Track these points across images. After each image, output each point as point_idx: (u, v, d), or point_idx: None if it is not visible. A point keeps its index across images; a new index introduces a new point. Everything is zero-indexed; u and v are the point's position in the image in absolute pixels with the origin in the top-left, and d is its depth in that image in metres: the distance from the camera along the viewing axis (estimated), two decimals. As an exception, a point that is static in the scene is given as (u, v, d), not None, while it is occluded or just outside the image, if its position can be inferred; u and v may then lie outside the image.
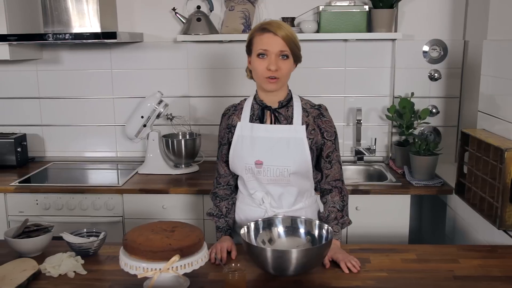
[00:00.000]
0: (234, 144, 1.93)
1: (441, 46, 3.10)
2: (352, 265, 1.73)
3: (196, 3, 3.14)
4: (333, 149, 1.95)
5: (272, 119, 1.92)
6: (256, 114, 1.93)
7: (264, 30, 1.81)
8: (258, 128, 1.91)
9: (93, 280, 1.70)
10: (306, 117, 1.92)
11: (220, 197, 2.06)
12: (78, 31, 2.88)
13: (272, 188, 1.91)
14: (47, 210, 2.81)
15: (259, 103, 1.94)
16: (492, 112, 2.45)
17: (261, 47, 1.81)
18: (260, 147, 1.88)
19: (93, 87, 3.33)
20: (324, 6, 3.00)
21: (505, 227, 2.08)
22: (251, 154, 1.88)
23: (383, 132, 3.28)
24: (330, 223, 1.90)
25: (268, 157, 1.87)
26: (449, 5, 3.06)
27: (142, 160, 3.23)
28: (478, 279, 1.67)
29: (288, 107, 1.93)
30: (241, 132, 1.92)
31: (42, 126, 3.40)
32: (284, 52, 1.81)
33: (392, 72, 3.18)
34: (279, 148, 1.87)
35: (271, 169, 1.87)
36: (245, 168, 1.90)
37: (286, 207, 1.94)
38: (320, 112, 1.94)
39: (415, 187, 2.73)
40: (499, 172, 2.10)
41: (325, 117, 1.95)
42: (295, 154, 1.87)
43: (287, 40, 1.79)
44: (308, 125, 1.91)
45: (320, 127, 1.93)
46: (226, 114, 2.01)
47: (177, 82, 3.29)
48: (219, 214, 2.03)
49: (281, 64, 1.81)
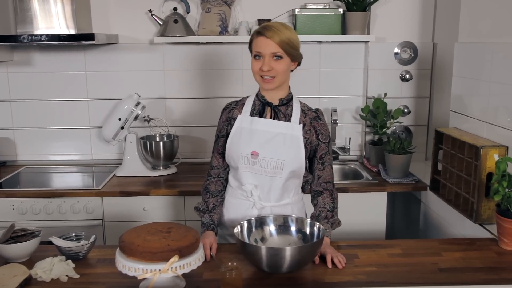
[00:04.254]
0: (233, 134, 2.01)
1: (412, 48, 3.21)
2: (339, 260, 1.79)
3: (172, 5, 3.14)
4: (327, 152, 2.03)
5: (272, 115, 2.00)
6: (257, 109, 2.02)
7: (259, 34, 1.91)
8: (257, 121, 1.99)
9: (87, 283, 1.69)
10: (303, 118, 2.01)
11: (210, 192, 2.10)
12: (52, 32, 2.84)
13: (263, 181, 1.98)
14: (24, 215, 2.75)
15: (260, 99, 2.03)
16: (463, 111, 2.57)
17: (256, 49, 1.92)
18: (258, 139, 1.96)
19: (66, 89, 3.28)
20: (299, 9, 3.07)
21: (481, 221, 2.19)
22: (248, 145, 1.96)
23: (357, 131, 3.37)
24: (320, 221, 1.96)
25: (264, 150, 1.95)
26: (419, 9, 3.18)
27: (118, 163, 3.21)
28: (462, 271, 1.76)
29: (288, 106, 2.02)
30: (241, 124, 2.01)
31: (14, 130, 3.32)
32: (276, 54, 1.89)
33: (365, 73, 3.27)
34: (275, 142, 1.95)
35: (266, 161, 1.94)
36: (241, 158, 1.96)
37: (274, 201, 2.01)
38: (317, 115, 2.04)
39: (391, 185, 2.83)
40: (474, 169, 2.20)
41: (321, 120, 2.04)
42: (290, 150, 1.95)
43: (279, 41, 1.88)
44: (305, 125, 2.00)
45: (316, 129, 2.01)
46: (228, 108, 2.10)
47: (153, 84, 3.28)
48: (205, 209, 2.08)
49: (274, 64, 1.90)
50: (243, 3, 3.19)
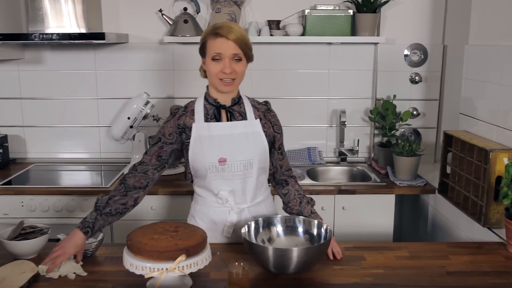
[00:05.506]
0: (193, 146, 1.92)
1: (421, 50, 3.20)
2: (337, 251, 1.85)
3: (182, 5, 3.15)
4: (282, 142, 2.08)
5: (228, 116, 1.97)
6: (211, 113, 1.96)
7: (217, 35, 1.86)
8: (215, 126, 1.94)
9: (95, 281, 1.70)
10: (257, 112, 2.01)
11: (126, 186, 1.88)
12: (63, 31, 2.86)
13: (236, 184, 1.95)
14: (33, 212, 2.77)
15: (212, 102, 1.96)
16: (473, 114, 2.55)
17: (215, 50, 1.86)
18: (221, 144, 1.92)
19: (76, 87, 3.30)
20: (309, 10, 3.06)
21: (490, 225, 2.18)
22: (212, 153, 1.91)
23: (365, 133, 3.36)
24: (305, 208, 1.99)
25: (231, 153, 1.92)
26: (429, 11, 3.16)
27: (127, 162, 3.22)
28: (469, 274, 1.75)
29: (240, 104, 2.00)
30: (198, 133, 1.93)
31: (24, 127, 3.35)
32: (237, 55, 1.87)
33: (374, 75, 3.27)
34: (239, 143, 1.94)
35: (235, 164, 1.92)
36: (209, 167, 1.91)
37: (249, 201, 2.01)
38: (267, 107, 2.06)
39: (399, 187, 2.82)
40: (483, 172, 2.19)
41: (272, 112, 2.07)
42: (256, 147, 1.95)
43: (239, 42, 1.85)
44: (260, 119, 2.00)
45: (270, 121, 2.03)
46: (176, 114, 1.98)
47: (163, 83, 3.29)
48: (100, 207, 1.83)
49: (235, 66, 1.88)
50: (253, 3, 3.19)
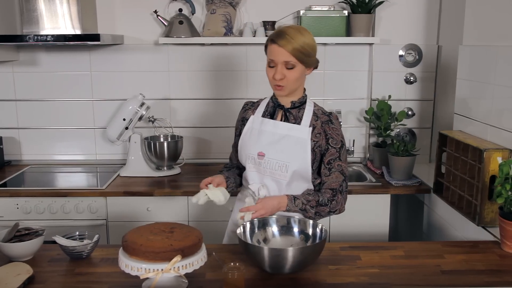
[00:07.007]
0: (243, 134, 2.07)
1: (416, 51, 3.21)
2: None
3: (177, 6, 3.15)
4: (336, 157, 1.97)
5: (283, 117, 2.03)
6: (269, 110, 2.07)
7: (272, 42, 1.91)
8: (267, 122, 2.03)
9: (91, 282, 1.70)
10: (315, 121, 2.00)
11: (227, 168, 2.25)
12: (58, 32, 2.86)
13: (270, 183, 1.99)
14: (28, 214, 2.77)
15: (274, 101, 2.07)
16: (467, 114, 2.56)
17: (269, 57, 1.94)
18: (265, 140, 1.99)
19: (71, 89, 3.30)
20: (304, 11, 3.07)
21: (484, 224, 2.19)
22: (255, 145, 2.00)
23: (361, 133, 3.37)
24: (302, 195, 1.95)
25: (271, 151, 1.97)
26: (424, 11, 3.18)
27: (122, 163, 3.22)
28: (464, 273, 1.75)
29: (300, 109, 2.02)
30: (252, 125, 2.06)
31: (19, 129, 3.34)
32: (289, 63, 1.89)
33: (369, 75, 3.28)
34: (282, 144, 1.97)
35: (272, 162, 1.96)
36: (249, 158, 2.01)
37: None
38: (329, 118, 2.00)
39: (395, 187, 2.83)
40: (478, 172, 2.20)
41: (334, 124, 1.99)
42: (297, 153, 1.95)
43: (292, 50, 1.87)
44: (314, 128, 1.98)
45: (326, 133, 1.98)
46: (244, 108, 2.16)
47: (158, 84, 3.29)
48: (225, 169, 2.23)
49: (287, 73, 1.91)
50: (248, 4, 3.20)
